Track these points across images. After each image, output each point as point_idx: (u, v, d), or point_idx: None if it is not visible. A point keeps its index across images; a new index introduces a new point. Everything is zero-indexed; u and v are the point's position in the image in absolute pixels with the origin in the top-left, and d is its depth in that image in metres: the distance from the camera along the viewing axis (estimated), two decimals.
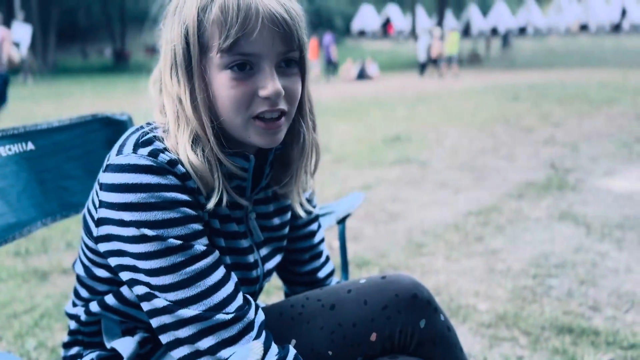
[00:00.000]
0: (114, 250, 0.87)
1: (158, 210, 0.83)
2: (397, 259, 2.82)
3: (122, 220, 0.84)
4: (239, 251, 0.98)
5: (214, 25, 0.84)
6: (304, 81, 0.93)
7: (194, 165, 0.86)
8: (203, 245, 0.86)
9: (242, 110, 0.87)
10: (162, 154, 0.85)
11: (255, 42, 0.84)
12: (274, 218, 1.07)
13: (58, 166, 1.21)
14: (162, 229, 0.83)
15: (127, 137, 0.89)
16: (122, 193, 0.83)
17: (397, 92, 13.03)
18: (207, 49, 0.86)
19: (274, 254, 1.08)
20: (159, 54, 0.94)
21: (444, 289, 2.45)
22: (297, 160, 1.00)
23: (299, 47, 0.89)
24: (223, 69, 0.86)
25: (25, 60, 18.05)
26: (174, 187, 0.84)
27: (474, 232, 3.21)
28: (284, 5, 0.86)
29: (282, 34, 0.86)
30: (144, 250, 0.83)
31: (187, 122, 0.88)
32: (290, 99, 0.90)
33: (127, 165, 0.83)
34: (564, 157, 5.23)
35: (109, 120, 1.30)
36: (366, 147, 6.19)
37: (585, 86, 12.17)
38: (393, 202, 3.92)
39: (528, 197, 3.91)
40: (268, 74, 0.86)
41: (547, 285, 2.48)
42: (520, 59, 24.95)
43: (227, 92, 0.86)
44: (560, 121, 7.46)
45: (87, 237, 0.95)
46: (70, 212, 1.25)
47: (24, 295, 2.52)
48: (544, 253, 2.85)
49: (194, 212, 0.86)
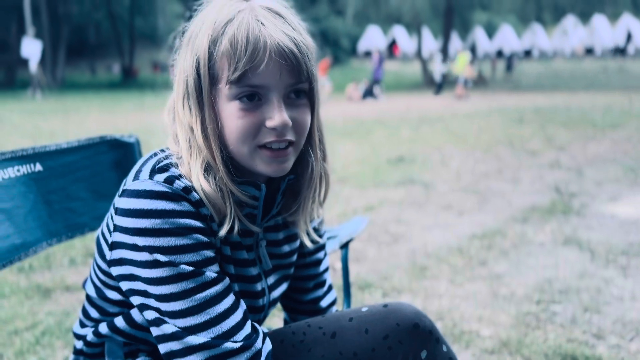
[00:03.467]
0: (126, 275, 0.88)
1: (171, 237, 0.84)
2: (400, 282, 2.81)
3: (135, 245, 0.85)
4: (247, 279, 0.99)
5: (223, 58, 0.87)
6: (313, 111, 0.95)
7: (206, 193, 0.87)
8: (214, 272, 0.87)
9: (248, 139, 0.89)
10: (177, 181, 0.87)
11: (263, 75, 0.86)
12: (283, 245, 1.08)
13: (65, 187, 1.23)
14: (174, 255, 0.84)
15: (144, 163, 0.91)
16: (137, 218, 0.85)
17: (402, 113, 13.08)
18: (217, 80, 0.88)
19: (281, 282, 1.09)
20: (171, 79, 0.96)
21: (447, 314, 2.44)
22: (305, 190, 1.01)
23: (307, 79, 0.90)
24: (232, 99, 0.88)
25: (35, 76, 18.25)
26: (188, 214, 0.86)
27: (477, 256, 3.20)
28: (294, 39, 0.87)
29: (290, 66, 0.87)
30: (155, 276, 0.85)
31: (199, 151, 0.90)
32: (298, 129, 0.91)
33: (143, 191, 0.85)
34: (568, 181, 5.23)
35: (116, 143, 1.32)
36: (370, 167, 6.21)
37: (590, 110, 12.19)
38: (396, 224, 3.91)
39: (532, 221, 3.90)
40: (275, 105, 0.88)
41: (551, 311, 2.46)
42: (525, 82, 25.05)
43: (235, 122, 0.88)
44: (565, 145, 7.47)
45: (100, 259, 0.97)
46: (76, 233, 1.26)
47: (26, 312, 2.52)
48: (548, 278, 2.83)
49: (206, 238, 0.88)
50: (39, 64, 18.30)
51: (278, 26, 0.87)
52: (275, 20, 0.88)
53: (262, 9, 0.89)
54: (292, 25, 0.89)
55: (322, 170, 1.01)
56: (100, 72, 37.51)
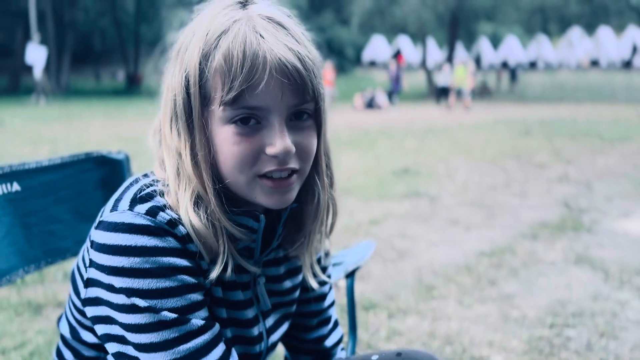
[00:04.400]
0: (102, 317, 0.78)
1: (152, 278, 0.73)
2: (407, 302, 2.69)
3: (112, 285, 0.74)
4: (242, 323, 0.87)
5: (216, 75, 0.75)
6: (319, 134, 0.83)
7: (196, 229, 0.76)
8: (201, 319, 0.76)
9: (246, 168, 0.77)
10: (161, 213, 0.76)
11: (262, 95, 0.75)
12: (285, 281, 0.95)
13: (45, 209, 1.12)
14: (155, 299, 0.73)
15: (124, 191, 0.81)
16: (113, 256, 0.74)
17: (406, 123, 12.98)
18: (209, 101, 0.77)
19: (281, 323, 0.96)
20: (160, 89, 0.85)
21: (456, 338, 2.32)
22: (311, 222, 0.89)
23: (313, 99, 0.79)
24: (226, 122, 0.76)
25: (39, 82, 18.24)
26: (173, 251, 0.75)
27: (486, 274, 3.08)
28: (298, 53, 0.76)
29: (294, 85, 0.76)
30: (134, 322, 0.74)
31: (188, 180, 0.78)
32: (303, 155, 0.80)
33: (121, 224, 0.75)
34: (577, 195, 5.11)
35: (103, 159, 1.21)
36: (374, 179, 6.09)
37: (597, 122, 12.07)
38: (402, 239, 3.80)
39: (542, 238, 3.78)
40: (276, 129, 0.76)
41: (565, 336, 2.34)
42: (530, 93, 24.96)
43: (230, 149, 0.76)
44: (572, 158, 7.34)
45: (75, 296, 0.86)
46: (57, 258, 1.15)
47: (15, 329, 2.41)
48: (560, 300, 2.71)
49: (193, 280, 0.77)
50: (43, 71, 18.29)
51: (279, 39, 0.75)
52: (277, 31, 0.76)
53: (261, 18, 0.77)
54: (296, 37, 0.77)
55: (330, 199, 0.90)
56: (104, 78, 37.59)
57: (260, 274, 0.90)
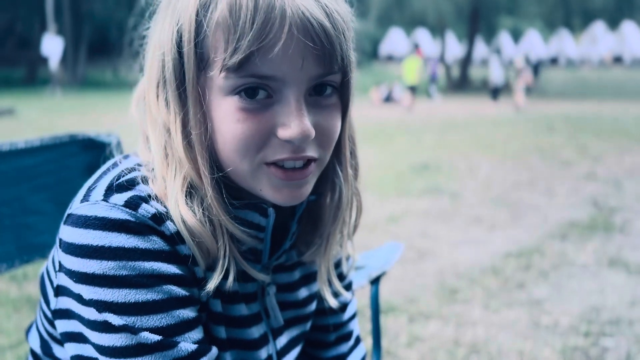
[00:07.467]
0: (74, 334, 0.62)
1: (130, 288, 0.57)
2: (428, 306, 2.51)
3: (80, 296, 0.59)
4: (246, 344, 0.70)
5: (218, 31, 0.58)
6: (344, 114, 0.65)
7: (188, 226, 0.60)
8: (192, 342, 0.60)
9: (250, 154, 0.60)
10: (144, 205, 0.59)
11: (277, 61, 0.57)
12: (300, 289, 0.77)
13: (20, 198, 0.97)
14: (133, 315, 0.57)
15: (100, 177, 0.64)
16: (82, 258, 0.58)
17: (424, 118, 12.74)
18: (207, 64, 0.60)
19: (296, 343, 0.78)
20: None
21: (483, 347, 2.14)
22: (330, 222, 0.71)
23: (341, 69, 0.61)
24: (228, 93, 0.59)
25: (55, 73, 18.28)
26: (158, 254, 0.58)
27: (514, 277, 2.88)
28: (325, 7, 0.58)
29: (319, 50, 0.58)
30: (107, 344, 0.58)
31: (179, 164, 0.61)
32: (323, 141, 0.62)
33: (93, 218, 0.58)
34: (607, 194, 4.87)
35: (90, 143, 1.05)
36: (392, 174, 5.90)
37: (623, 119, 11.72)
38: (422, 238, 3.61)
39: (572, 238, 3.57)
40: (293, 106, 0.59)
41: (601, 346, 2.16)
42: (552, 89, 24.47)
43: (231, 127, 0.59)
44: (599, 155, 7.07)
45: (45, 305, 0.70)
46: (34, 255, 1.00)
47: (12, 327, 2.28)
48: (594, 306, 2.52)
49: (183, 291, 0.60)
50: (59, 62, 18.32)
51: None
52: None
53: None
54: None
55: (354, 194, 0.73)
56: (121, 70, 37.76)
57: (269, 282, 0.73)
